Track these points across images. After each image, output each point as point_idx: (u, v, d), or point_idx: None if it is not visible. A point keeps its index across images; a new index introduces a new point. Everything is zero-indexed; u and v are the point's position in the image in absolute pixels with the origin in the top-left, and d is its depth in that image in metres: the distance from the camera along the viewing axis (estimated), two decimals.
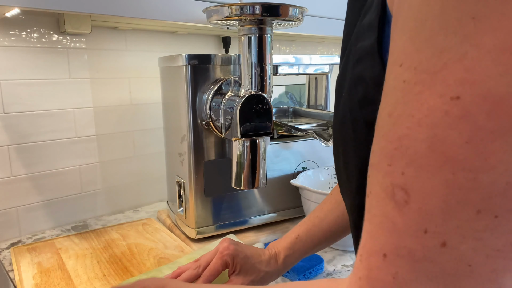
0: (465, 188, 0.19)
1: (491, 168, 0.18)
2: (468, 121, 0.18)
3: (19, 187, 0.87)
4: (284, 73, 0.86)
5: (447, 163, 0.19)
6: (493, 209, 0.18)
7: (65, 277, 0.67)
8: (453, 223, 0.19)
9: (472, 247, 0.19)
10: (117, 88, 0.99)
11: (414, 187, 0.20)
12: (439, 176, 0.19)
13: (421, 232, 0.20)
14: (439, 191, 0.19)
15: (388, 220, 0.22)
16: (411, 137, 0.20)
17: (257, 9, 0.63)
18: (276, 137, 0.85)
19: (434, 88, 0.19)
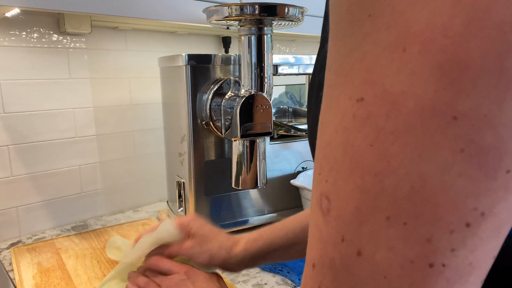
0: (372, 193, 0.18)
1: (393, 172, 0.17)
2: (371, 123, 0.17)
3: (19, 187, 0.87)
4: (284, 73, 0.86)
5: (356, 167, 0.18)
6: (400, 215, 0.17)
7: (65, 277, 0.67)
8: (366, 230, 0.18)
9: (386, 256, 0.18)
10: (117, 88, 0.99)
11: (333, 193, 0.20)
12: (351, 182, 0.18)
13: (339, 240, 0.19)
14: (352, 196, 0.19)
15: (317, 229, 0.21)
16: (332, 143, 0.20)
17: (257, 9, 0.63)
18: (276, 137, 0.85)
19: (345, 90, 0.19)
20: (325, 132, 0.20)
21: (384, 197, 0.17)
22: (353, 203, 0.19)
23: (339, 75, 0.19)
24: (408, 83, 0.16)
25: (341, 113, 0.19)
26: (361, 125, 0.18)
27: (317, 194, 0.21)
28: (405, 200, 0.17)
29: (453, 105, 0.16)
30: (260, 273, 0.70)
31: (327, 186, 0.20)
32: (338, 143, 0.19)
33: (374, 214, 0.18)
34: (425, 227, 0.17)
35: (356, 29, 0.18)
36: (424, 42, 0.16)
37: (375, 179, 0.18)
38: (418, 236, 0.17)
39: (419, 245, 0.17)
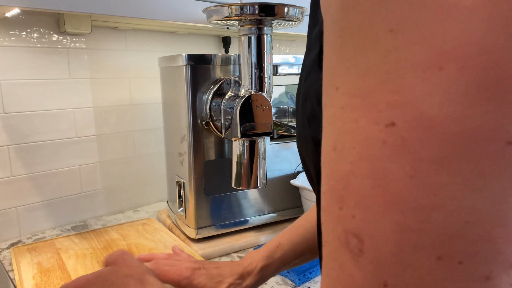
0: (418, 230, 0.16)
1: (442, 206, 0.15)
2: (407, 151, 0.16)
3: (19, 187, 0.87)
4: (284, 73, 0.86)
5: (394, 202, 0.16)
6: (455, 254, 0.15)
7: (65, 277, 0.67)
8: (413, 274, 0.16)
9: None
10: (117, 88, 0.99)
11: (366, 232, 0.17)
12: (388, 219, 0.16)
13: (380, 286, 0.17)
14: (392, 235, 0.16)
15: (345, 273, 0.19)
16: (356, 173, 0.17)
17: (257, 9, 0.63)
18: (276, 137, 0.85)
19: (368, 115, 0.17)
20: (342, 160, 0.18)
21: (433, 234, 0.15)
22: (394, 243, 0.16)
23: (355, 96, 0.17)
24: (447, 105, 0.15)
25: (365, 140, 0.17)
26: (395, 154, 0.16)
27: (340, 232, 0.18)
28: (459, 237, 0.15)
29: (506, 129, 0.14)
30: None
31: (355, 223, 0.18)
32: (365, 174, 0.17)
33: (422, 255, 0.16)
34: (484, 264, 0.15)
35: (373, 46, 0.16)
36: (462, 60, 0.14)
37: (420, 215, 0.16)
38: (476, 275, 0.16)
39: (478, 284, 0.16)
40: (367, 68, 0.17)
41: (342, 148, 0.18)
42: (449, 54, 0.15)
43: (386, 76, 0.16)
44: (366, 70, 0.17)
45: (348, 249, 0.18)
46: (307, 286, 0.66)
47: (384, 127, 0.16)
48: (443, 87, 0.15)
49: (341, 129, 0.18)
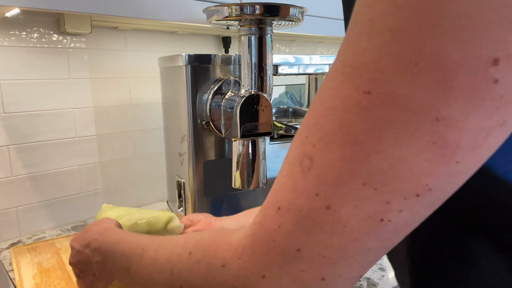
0: (358, 164, 0.23)
1: (381, 151, 0.22)
2: (372, 112, 0.22)
3: (19, 187, 0.87)
4: (284, 73, 0.86)
5: (349, 142, 0.23)
6: (374, 183, 0.22)
7: (65, 277, 0.67)
8: (341, 191, 0.23)
9: (350, 211, 0.23)
10: (117, 88, 0.99)
11: (319, 157, 0.24)
12: (340, 152, 0.23)
13: (313, 194, 0.24)
14: (337, 163, 0.23)
15: (291, 180, 0.26)
16: (328, 117, 0.24)
17: (257, 9, 0.63)
18: (276, 137, 0.85)
19: (353, 80, 0.23)
20: (321, 105, 0.25)
21: (366, 168, 0.22)
22: (337, 168, 0.23)
23: (347, 65, 0.23)
24: (411, 89, 0.21)
25: (343, 97, 0.23)
26: (363, 112, 0.22)
27: (299, 152, 0.26)
28: (382, 173, 0.22)
29: (435, 109, 0.21)
30: None
31: (312, 150, 0.25)
32: (334, 119, 0.23)
33: (353, 180, 0.23)
34: (389, 193, 0.23)
35: (373, 36, 0.22)
36: (431, 61, 0.20)
37: (363, 154, 0.22)
38: (381, 199, 0.23)
39: (379, 205, 0.23)
40: (365, 49, 0.22)
41: (324, 97, 0.25)
42: (425, 56, 0.20)
43: (377, 59, 0.22)
44: (363, 50, 0.22)
45: (301, 165, 0.25)
46: None
47: (361, 92, 0.22)
48: (415, 77, 0.21)
49: (328, 84, 0.25)
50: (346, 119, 0.23)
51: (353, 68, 0.23)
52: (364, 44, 0.22)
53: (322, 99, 0.25)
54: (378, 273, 0.69)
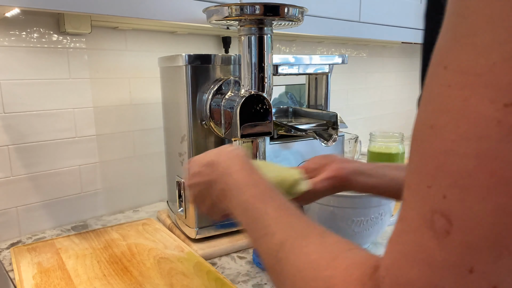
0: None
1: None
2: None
3: (19, 187, 0.87)
4: (284, 73, 0.86)
5: (501, 184, 0.15)
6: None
7: (65, 277, 0.67)
8: (507, 263, 0.15)
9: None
10: (117, 88, 0.99)
11: (458, 214, 0.16)
12: (490, 201, 0.16)
13: (465, 270, 0.16)
14: (490, 219, 0.16)
15: (424, 251, 0.18)
16: (457, 152, 0.17)
17: (257, 9, 0.63)
18: (276, 137, 0.85)
19: (484, 93, 0.16)
20: (441, 138, 0.17)
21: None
22: (491, 227, 0.16)
23: (467, 74, 0.16)
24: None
25: (476, 118, 0.16)
26: (508, 134, 0.15)
27: (425, 210, 0.18)
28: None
29: None
30: (260, 273, 0.70)
31: (445, 204, 0.17)
32: (469, 153, 0.16)
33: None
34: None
35: (499, 24, 0.15)
36: None
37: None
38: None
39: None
40: (489, 45, 0.16)
41: (442, 126, 0.17)
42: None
43: (510, 55, 0.15)
44: (487, 47, 0.16)
45: (432, 229, 0.17)
46: None
47: (502, 106, 0.15)
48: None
49: (444, 107, 0.17)
50: (488, 150, 0.16)
51: (480, 76, 0.16)
52: (486, 39, 0.16)
53: (437, 129, 0.18)
54: None
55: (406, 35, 1.31)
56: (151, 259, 0.73)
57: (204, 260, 0.72)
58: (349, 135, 1.20)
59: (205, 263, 0.71)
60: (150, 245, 0.79)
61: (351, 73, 1.65)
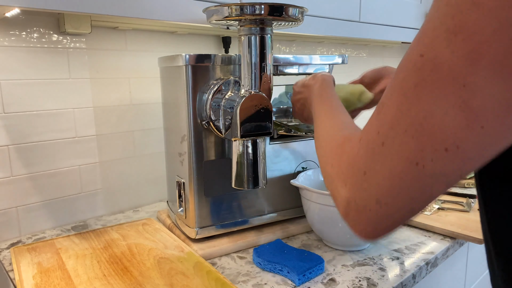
0: (403, 113, 0.30)
1: (419, 105, 0.29)
2: (421, 72, 0.28)
3: (19, 187, 0.87)
4: (284, 73, 0.86)
5: (402, 95, 0.30)
6: (412, 131, 0.29)
7: (65, 277, 0.67)
8: (391, 133, 0.31)
9: (395, 151, 0.31)
10: (117, 88, 0.99)
11: (385, 104, 0.33)
12: (395, 102, 0.31)
13: (376, 132, 0.34)
14: (392, 111, 0.31)
15: (371, 119, 0.35)
16: (398, 74, 0.31)
17: (257, 9, 0.63)
18: (276, 137, 0.85)
19: (417, 45, 0.29)
20: (402, 60, 0.31)
21: (408, 118, 0.29)
22: (390, 115, 0.31)
23: (420, 32, 0.29)
24: (449, 56, 0.26)
25: (408, 58, 0.30)
26: (415, 71, 0.29)
27: (382, 99, 0.33)
28: (418, 124, 0.29)
29: (463, 76, 0.25)
30: (260, 273, 0.70)
31: (384, 99, 0.33)
32: (399, 76, 0.30)
33: (399, 126, 0.31)
34: (423, 142, 0.29)
35: (438, 8, 0.27)
36: (467, 35, 0.25)
37: (408, 106, 0.29)
38: (417, 146, 0.29)
39: (415, 151, 0.29)
40: (430, 19, 0.28)
41: (404, 58, 0.31)
42: (458, 30, 0.25)
43: (434, 27, 0.27)
44: (428, 20, 0.28)
45: (377, 109, 0.34)
46: (307, 286, 0.66)
47: (418, 55, 0.29)
48: (449, 44, 0.26)
49: (409, 49, 0.31)
50: (405, 76, 0.29)
51: (421, 35, 0.29)
52: (430, 14, 0.28)
53: (404, 57, 0.31)
54: (378, 273, 0.69)
55: (406, 35, 1.31)
56: (151, 259, 0.73)
57: (204, 260, 0.72)
58: None
59: (205, 263, 0.71)
60: (150, 245, 0.79)
61: (351, 73, 1.65)
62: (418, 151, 0.29)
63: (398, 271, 0.70)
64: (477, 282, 1.08)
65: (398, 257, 0.75)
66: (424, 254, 0.76)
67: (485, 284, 1.13)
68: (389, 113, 0.31)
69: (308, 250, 0.76)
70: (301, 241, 0.83)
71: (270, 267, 0.70)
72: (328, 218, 0.74)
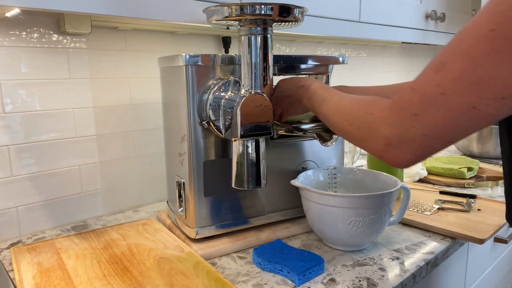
0: (470, 71, 0.39)
1: (486, 67, 0.38)
2: (492, 43, 0.37)
3: (19, 187, 0.87)
4: (284, 73, 0.86)
5: (469, 58, 0.39)
6: (476, 84, 0.39)
7: (65, 277, 0.67)
8: (454, 86, 0.41)
9: (455, 99, 0.41)
10: (117, 88, 0.99)
11: (449, 64, 0.41)
12: (462, 63, 0.40)
13: (435, 85, 0.43)
14: (458, 68, 0.40)
15: (425, 76, 0.44)
16: (464, 40, 0.40)
17: (257, 9, 0.63)
18: (276, 137, 0.85)
19: (487, 20, 0.38)
20: (462, 32, 0.41)
21: (474, 75, 0.39)
22: (456, 71, 0.41)
23: (486, 10, 0.38)
24: None
25: (477, 30, 0.39)
26: (486, 41, 0.37)
27: (437, 61, 0.43)
28: (482, 80, 0.38)
29: None
30: (260, 273, 0.70)
31: (446, 58, 0.42)
32: (467, 42, 0.39)
33: (464, 80, 0.40)
34: (484, 92, 0.39)
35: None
36: None
37: (475, 66, 0.38)
38: (478, 95, 0.39)
39: (475, 98, 0.39)
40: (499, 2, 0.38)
41: (466, 27, 0.40)
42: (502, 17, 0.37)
43: (507, 9, 0.37)
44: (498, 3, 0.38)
45: (435, 68, 0.42)
46: (307, 286, 0.66)
47: (489, 29, 0.37)
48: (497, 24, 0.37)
49: (471, 22, 0.40)
50: (472, 44, 0.38)
51: (489, 14, 0.37)
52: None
53: (465, 28, 0.40)
54: (378, 273, 0.69)
55: (406, 35, 1.31)
56: (151, 259, 0.73)
57: (204, 260, 0.72)
58: None
59: (205, 263, 0.71)
60: (150, 245, 0.79)
61: (351, 73, 1.65)
62: (478, 98, 0.39)
63: (398, 271, 0.70)
64: (477, 282, 1.09)
65: (398, 257, 0.75)
66: (424, 254, 0.76)
67: (485, 284, 1.13)
68: (454, 71, 0.39)
69: (308, 250, 0.77)
70: (301, 241, 0.83)
71: (270, 267, 0.70)
72: (328, 218, 0.74)
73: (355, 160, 1.28)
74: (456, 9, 1.53)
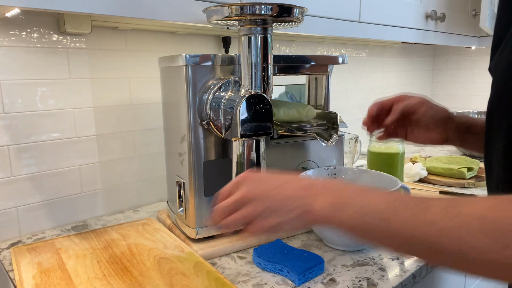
0: None
1: None
2: None
3: (19, 187, 0.87)
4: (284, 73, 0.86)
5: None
6: None
7: (65, 277, 0.67)
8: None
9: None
10: (117, 88, 0.99)
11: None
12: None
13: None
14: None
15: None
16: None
17: (257, 9, 0.63)
18: (276, 137, 0.85)
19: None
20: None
21: None
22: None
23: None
24: None
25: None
26: None
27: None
28: None
29: None
30: (260, 273, 0.70)
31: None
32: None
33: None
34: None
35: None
36: None
37: None
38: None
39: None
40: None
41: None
42: None
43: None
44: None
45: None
46: (307, 286, 0.66)
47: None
48: None
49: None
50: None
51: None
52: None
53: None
54: (378, 273, 0.69)
55: (406, 35, 1.31)
56: (151, 259, 0.73)
57: (204, 260, 0.72)
58: (349, 135, 1.20)
59: (205, 263, 0.71)
60: (150, 245, 0.79)
61: (351, 73, 1.65)
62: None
63: (398, 271, 0.70)
64: (477, 282, 1.09)
65: (398, 257, 0.75)
66: None
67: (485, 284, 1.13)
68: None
69: (308, 250, 0.77)
70: (301, 241, 0.83)
71: (270, 267, 0.70)
72: None
73: (355, 160, 1.28)
74: (456, 9, 1.53)
